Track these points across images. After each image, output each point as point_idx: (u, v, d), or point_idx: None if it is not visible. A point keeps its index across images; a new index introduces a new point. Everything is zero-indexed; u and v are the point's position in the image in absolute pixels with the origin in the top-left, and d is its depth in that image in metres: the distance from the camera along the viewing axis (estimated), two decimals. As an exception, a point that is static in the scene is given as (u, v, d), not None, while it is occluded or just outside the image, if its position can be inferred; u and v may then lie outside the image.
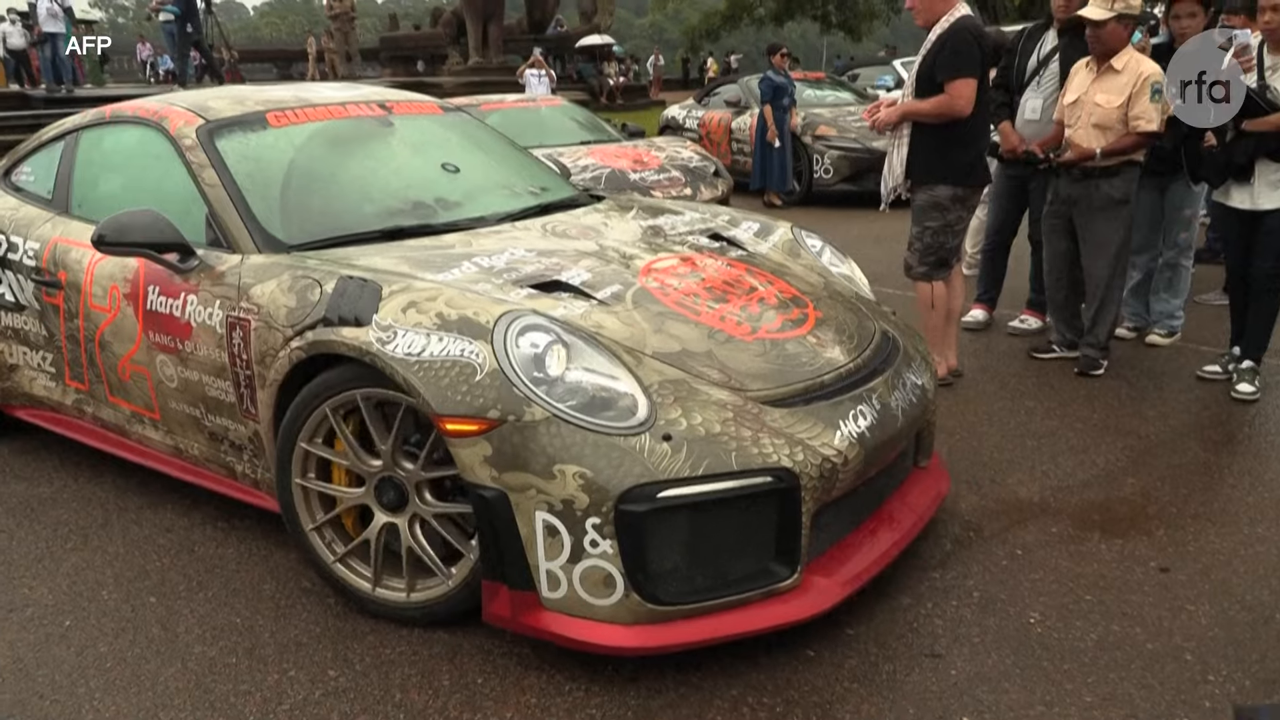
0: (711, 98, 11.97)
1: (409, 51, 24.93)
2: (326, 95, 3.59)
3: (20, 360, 3.61)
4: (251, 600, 2.61)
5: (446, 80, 18.38)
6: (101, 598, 2.65)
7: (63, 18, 14.59)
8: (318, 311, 2.48)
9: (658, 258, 2.91)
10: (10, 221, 3.59)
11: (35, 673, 2.32)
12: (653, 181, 7.08)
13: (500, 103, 8.67)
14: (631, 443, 2.16)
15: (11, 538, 3.02)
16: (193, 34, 15.22)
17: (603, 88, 22.68)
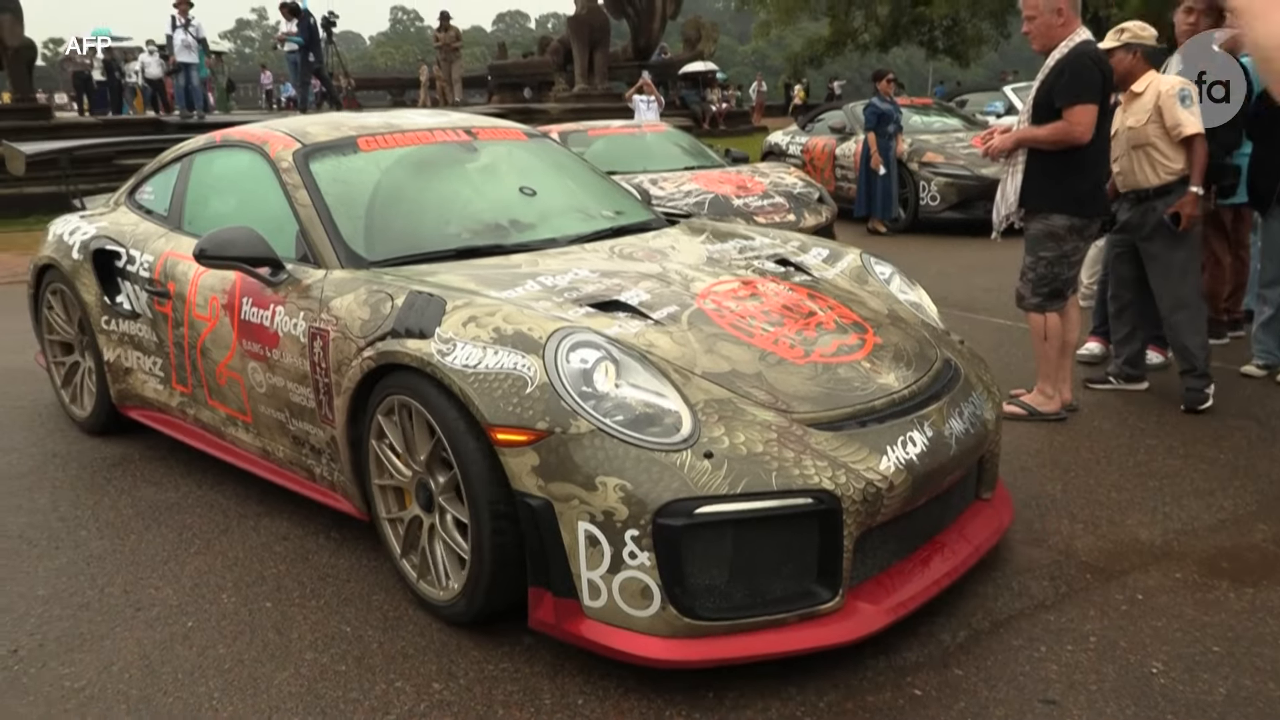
0: (815, 124, 11.90)
1: (516, 79, 25.50)
2: (416, 122, 3.77)
3: (134, 364, 3.90)
4: (361, 610, 2.68)
5: (552, 106, 18.74)
6: (222, 601, 2.76)
7: (196, 49, 15.45)
8: (388, 324, 2.62)
9: (719, 281, 2.97)
10: (131, 236, 3.89)
11: (160, 670, 2.43)
12: (756, 207, 7.06)
13: (606, 128, 8.80)
14: (673, 458, 2.21)
15: (141, 539, 3.17)
16: (314, 63, 15.91)
17: (705, 114, 22.79)
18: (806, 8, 33.15)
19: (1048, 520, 3.16)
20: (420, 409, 2.51)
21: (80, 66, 22.44)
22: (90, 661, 2.47)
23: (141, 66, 21.29)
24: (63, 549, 3.11)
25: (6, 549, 3.12)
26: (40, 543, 3.16)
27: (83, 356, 4.25)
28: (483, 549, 2.38)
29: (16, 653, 2.52)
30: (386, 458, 2.71)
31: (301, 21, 15.35)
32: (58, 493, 3.58)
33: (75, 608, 2.74)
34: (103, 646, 2.54)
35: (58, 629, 2.63)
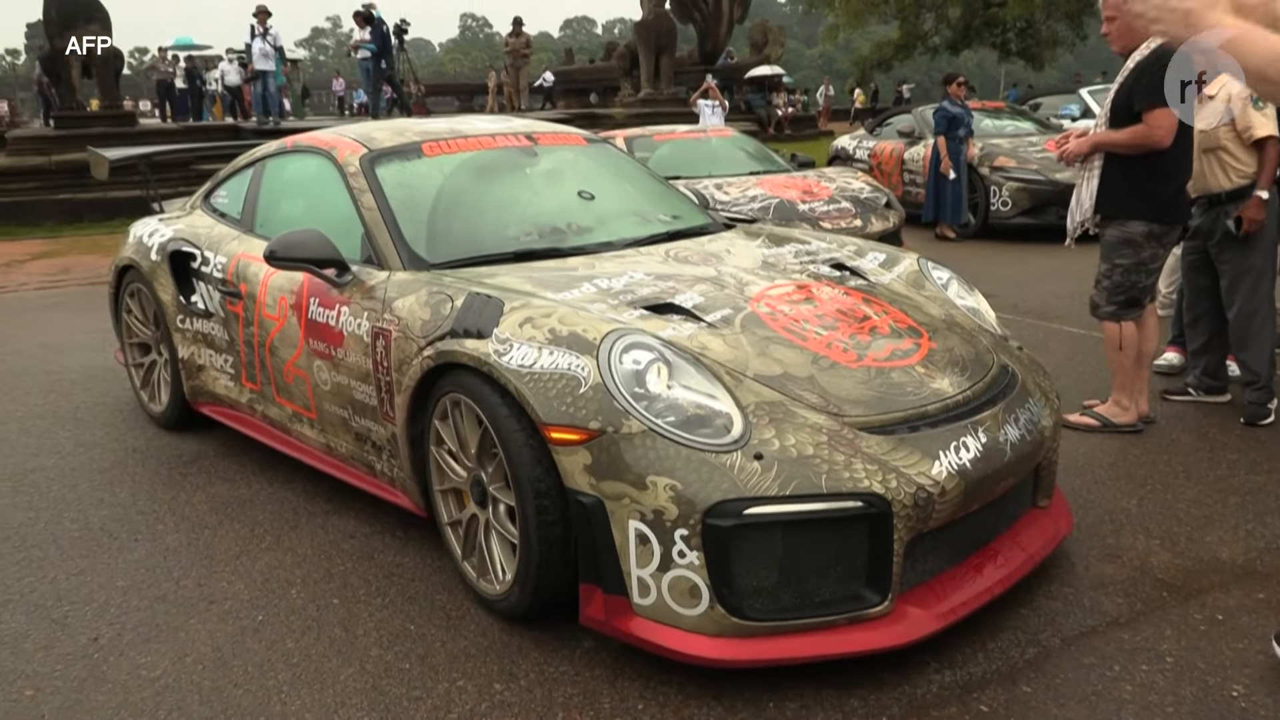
0: (883, 128, 11.76)
1: (583, 84, 25.70)
2: (478, 127, 3.86)
3: (207, 362, 4.04)
4: (425, 609, 2.72)
5: (618, 111, 18.82)
6: (290, 596, 2.82)
7: (274, 57, 15.85)
8: (447, 324, 2.68)
9: (774, 284, 2.99)
10: (206, 238, 4.03)
11: (231, 662, 2.49)
12: (822, 212, 7.00)
13: (671, 133, 8.79)
14: (723, 459, 2.22)
15: (214, 534, 3.26)
16: (386, 70, 16.21)
17: (771, 118, 22.68)
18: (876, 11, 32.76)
19: (1122, 536, 3.06)
20: (470, 404, 2.57)
21: (163, 75, 23.20)
22: (165, 652, 2.54)
23: (221, 74, 21.98)
24: (141, 542, 3.21)
25: (89, 541, 3.23)
26: (120, 535, 3.26)
27: (159, 353, 4.40)
28: (530, 535, 2.42)
29: (97, 641, 2.60)
30: (445, 462, 2.78)
31: (375, 29, 15.65)
32: (137, 487, 3.70)
33: (152, 599, 2.82)
34: (177, 638, 2.61)
35: (135, 619, 2.71)
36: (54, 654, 2.54)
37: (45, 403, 4.85)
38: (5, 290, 8.32)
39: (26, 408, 4.78)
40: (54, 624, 2.69)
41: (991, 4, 30.13)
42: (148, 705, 2.32)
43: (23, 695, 2.37)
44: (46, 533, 3.30)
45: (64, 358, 5.69)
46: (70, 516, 3.43)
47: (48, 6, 13.73)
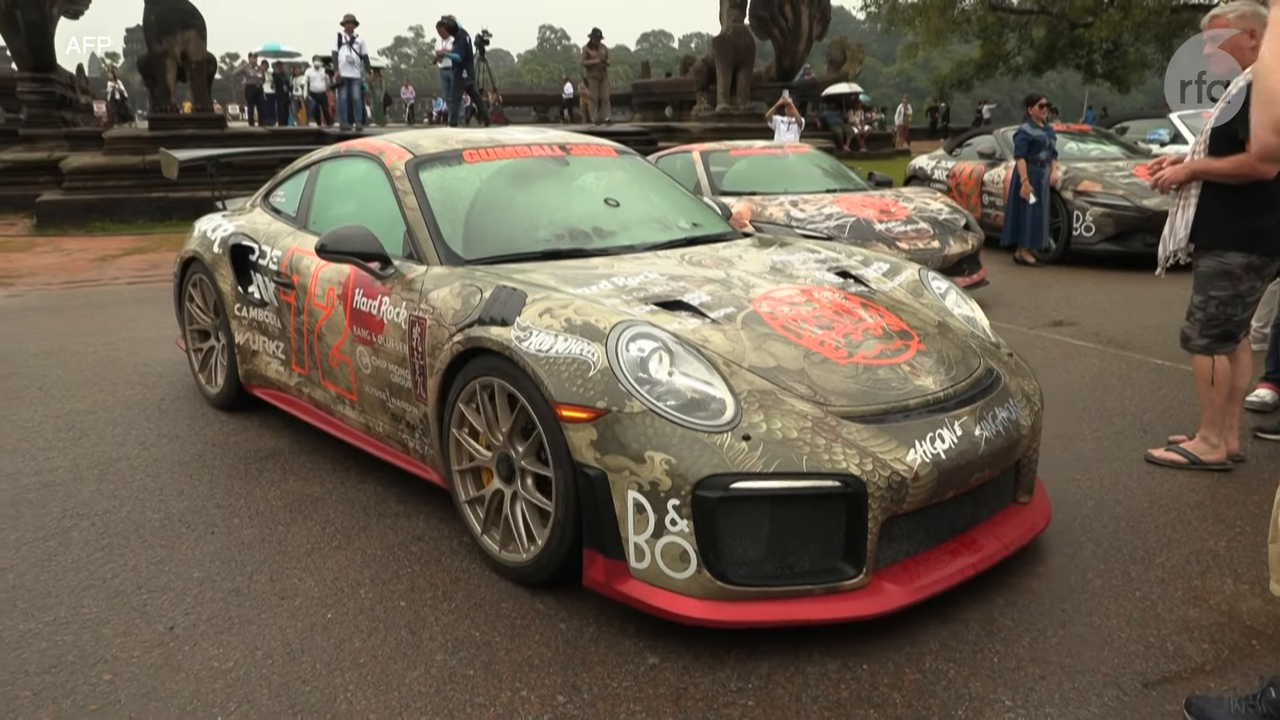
0: (963, 148, 11.56)
1: (659, 97, 25.79)
2: (516, 138, 4.15)
3: (260, 348, 4.35)
4: (490, 616, 2.73)
5: (693, 125, 18.84)
6: (359, 595, 2.85)
7: (359, 65, 16.23)
8: (475, 313, 2.95)
9: (778, 287, 3.20)
10: (264, 234, 4.33)
11: (300, 658, 2.53)
12: (899, 232, 6.90)
13: (748, 149, 8.77)
14: (714, 439, 2.45)
15: (287, 530, 3.32)
16: (467, 79, 16.46)
17: (847, 135, 22.49)
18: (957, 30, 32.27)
19: (1209, 578, 2.94)
20: (503, 385, 2.82)
21: (252, 80, 23.90)
22: (238, 644, 2.59)
23: (307, 80, 22.59)
24: (217, 534, 3.29)
25: (168, 531, 3.31)
26: (198, 526, 3.35)
27: (217, 339, 4.72)
28: (567, 496, 2.63)
29: (173, 630, 2.67)
30: (466, 442, 3.02)
31: (458, 40, 15.92)
32: (215, 480, 3.79)
33: (226, 592, 2.88)
34: (249, 631, 2.66)
35: (209, 610, 2.77)
36: (132, 640, 2.61)
37: (132, 394, 5.01)
38: (99, 284, 8.64)
39: (114, 398, 4.94)
40: (133, 611, 2.77)
41: (1078, 25, 29.48)
42: (219, 697, 2.36)
43: (101, 679, 2.43)
44: (129, 521, 3.40)
45: (151, 351, 5.87)
46: (151, 506, 3.53)
47: (147, 12, 14.27)
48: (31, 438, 4.32)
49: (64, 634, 2.65)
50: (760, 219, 7.02)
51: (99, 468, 3.93)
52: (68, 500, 3.59)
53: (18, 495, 3.64)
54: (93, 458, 4.05)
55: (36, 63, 15.17)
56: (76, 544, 3.22)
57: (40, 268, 9.61)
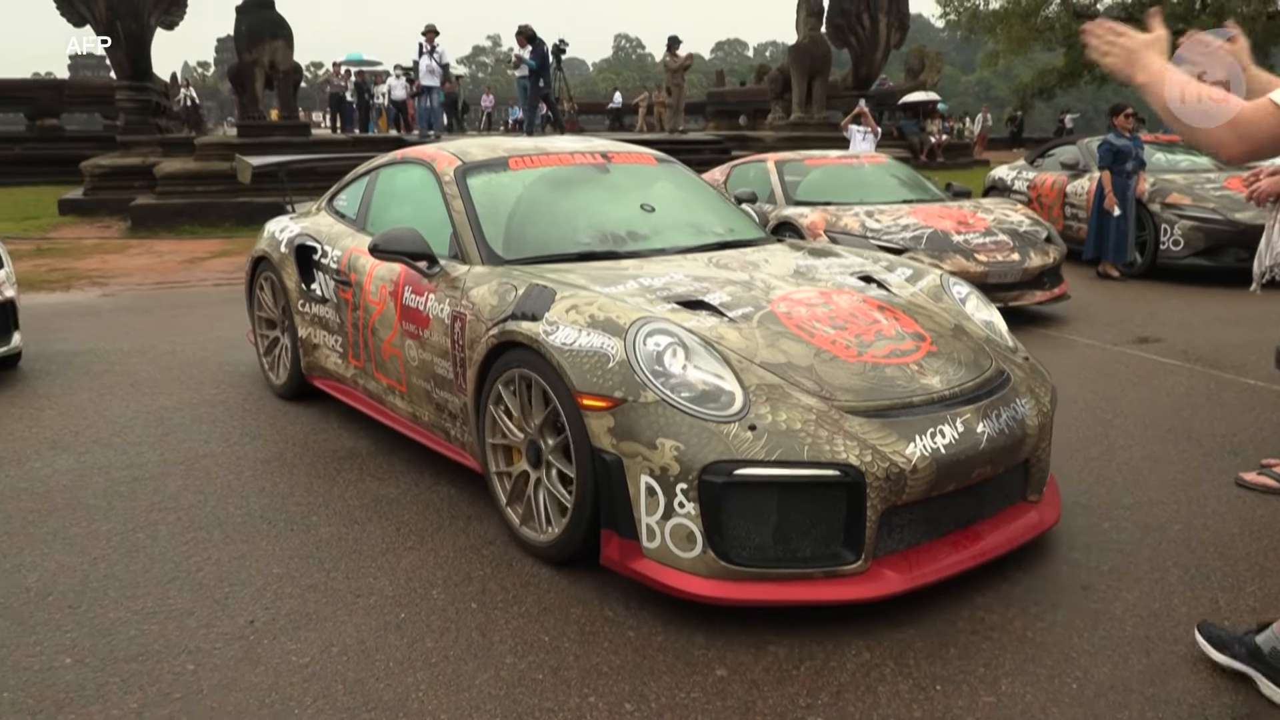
0: (1045, 159, 11.30)
1: (733, 106, 25.72)
2: (560, 146, 4.40)
3: (321, 341, 4.60)
4: (560, 621, 2.74)
5: (767, 134, 18.76)
6: (432, 596, 2.90)
7: (439, 73, 16.53)
8: (509, 309, 3.16)
9: (798, 289, 3.34)
10: (327, 235, 4.58)
11: (374, 656, 2.58)
12: (977, 244, 6.76)
13: (823, 158, 8.70)
14: (721, 428, 2.62)
15: (364, 529, 3.39)
16: (543, 88, 16.67)
17: (924, 145, 22.13)
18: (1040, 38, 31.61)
19: (1305, 610, 2.81)
20: (538, 379, 2.99)
21: (336, 88, 24.54)
22: (314, 640, 2.65)
23: (388, 89, 23.09)
24: (296, 531, 3.37)
25: (249, 527, 3.41)
26: (278, 523, 3.44)
27: (282, 334, 4.99)
28: (586, 479, 2.81)
29: (253, 623, 2.74)
30: (501, 421, 3.21)
31: (535, 49, 16.13)
32: (294, 478, 3.89)
33: (304, 588, 2.95)
34: (325, 627, 2.72)
35: (288, 606, 2.84)
36: (214, 632, 2.69)
37: (217, 392, 5.18)
38: (188, 285, 8.95)
39: (200, 396, 5.11)
40: (215, 604, 2.85)
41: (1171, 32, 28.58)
42: (296, 691, 2.42)
43: (185, 669, 2.51)
44: (213, 515, 3.51)
45: (235, 352, 6.06)
46: (234, 502, 3.64)
47: (238, 23, 14.76)
48: (123, 432, 4.49)
49: (151, 623, 2.74)
50: (834, 229, 6.95)
51: (185, 463, 4.07)
52: (156, 494, 3.72)
53: (109, 488, 3.78)
54: (180, 453, 4.20)
55: (134, 71, 15.80)
56: (164, 536, 3.33)
57: (133, 269, 9.99)
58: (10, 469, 4.01)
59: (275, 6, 14.94)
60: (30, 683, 2.45)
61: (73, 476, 3.91)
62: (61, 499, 3.68)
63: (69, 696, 2.39)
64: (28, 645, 2.62)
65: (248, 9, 14.75)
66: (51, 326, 6.92)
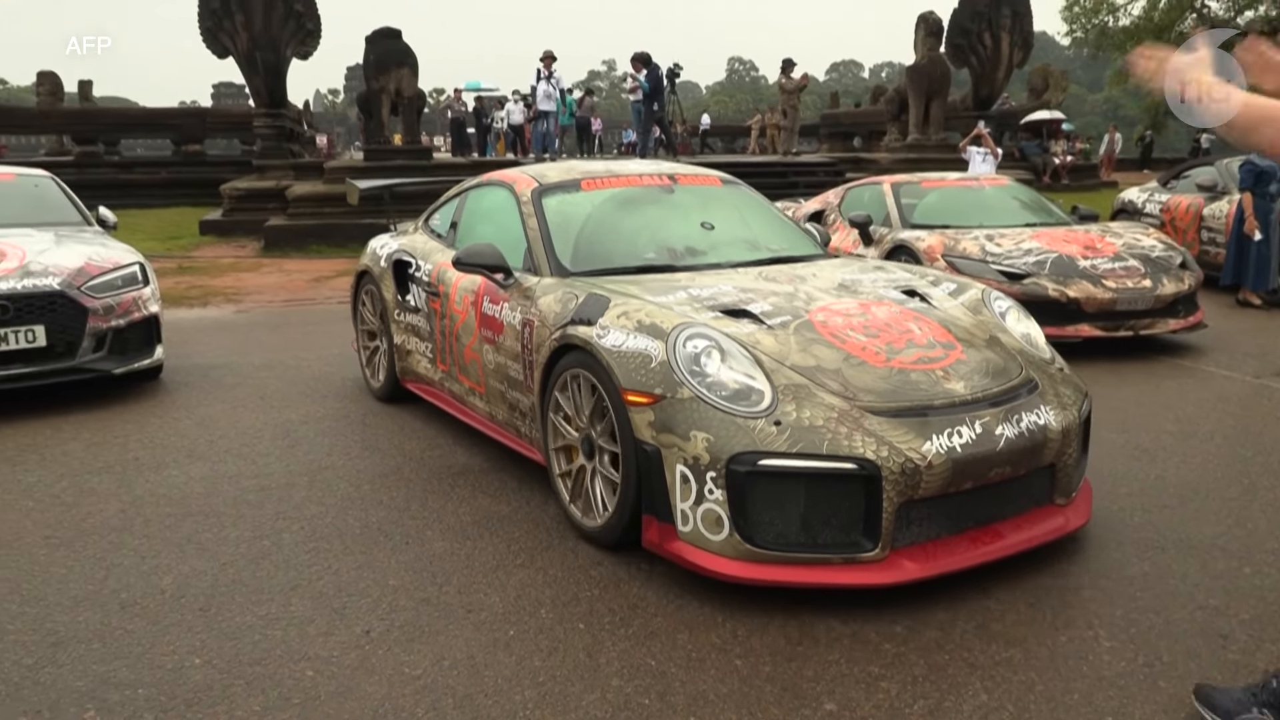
0: (1179, 180, 10.77)
1: (847, 128, 25.45)
2: (630, 169, 4.80)
3: (413, 348, 5.00)
4: (666, 645, 2.73)
5: (882, 156, 18.47)
6: (540, 615, 2.93)
7: (556, 98, 16.88)
8: (569, 315, 3.49)
9: (838, 301, 3.58)
10: (421, 251, 5.01)
11: (484, 671, 2.61)
12: (1105, 270, 6.48)
13: (941, 180, 8.50)
14: (749, 423, 2.89)
15: (475, 545, 3.45)
16: (657, 112, 16.83)
17: (1047, 166, 21.41)
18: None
19: None
20: (591, 377, 3.29)
21: (457, 113, 25.32)
22: (426, 653, 2.71)
23: (507, 114, 23.69)
24: (410, 545, 3.46)
25: (367, 539, 3.52)
26: (394, 536, 3.53)
27: (381, 341, 5.41)
28: (629, 469, 3.11)
29: (369, 634, 2.82)
30: (560, 425, 3.54)
31: (650, 73, 16.31)
32: (410, 493, 4.00)
33: (417, 601, 3.02)
34: (437, 641, 2.77)
35: (402, 618, 2.91)
36: (332, 641, 2.78)
37: (339, 406, 5.38)
38: (314, 303, 9.33)
39: (324, 409, 5.31)
40: (334, 613, 2.95)
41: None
42: (408, 702, 2.47)
43: (304, 675, 2.60)
44: (333, 526, 3.63)
45: (357, 367, 6.26)
46: (354, 514, 3.76)
47: (367, 53, 15.41)
48: (252, 443, 4.70)
49: (274, 629, 2.85)
50: (952, 253, 6.77)
51: (309, 474, 4.23)
52: (281, 503, 3.88)
53: (239, 496, 3.96)
54: (304, 465, 4.36)
55: (271, 99, 16.65)
56: (287, 545, 3.46)
57: (265, 286, 10.50)
58: (151, 475, 4.25)
59: (402, 36, 15.55)
60: (163, 680, 2.57)
61: (206, 484, 4.12)
62: (196, 505, 3.87)
63: (197, 696, 2.50)
64: (162, 645, 2.76)
65: (376, 39, 15.39)
66: (190, 340, 7.31)
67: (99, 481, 4.16)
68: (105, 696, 2.50)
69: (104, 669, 2.63)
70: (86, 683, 2.57)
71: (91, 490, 4.06)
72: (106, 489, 4.07)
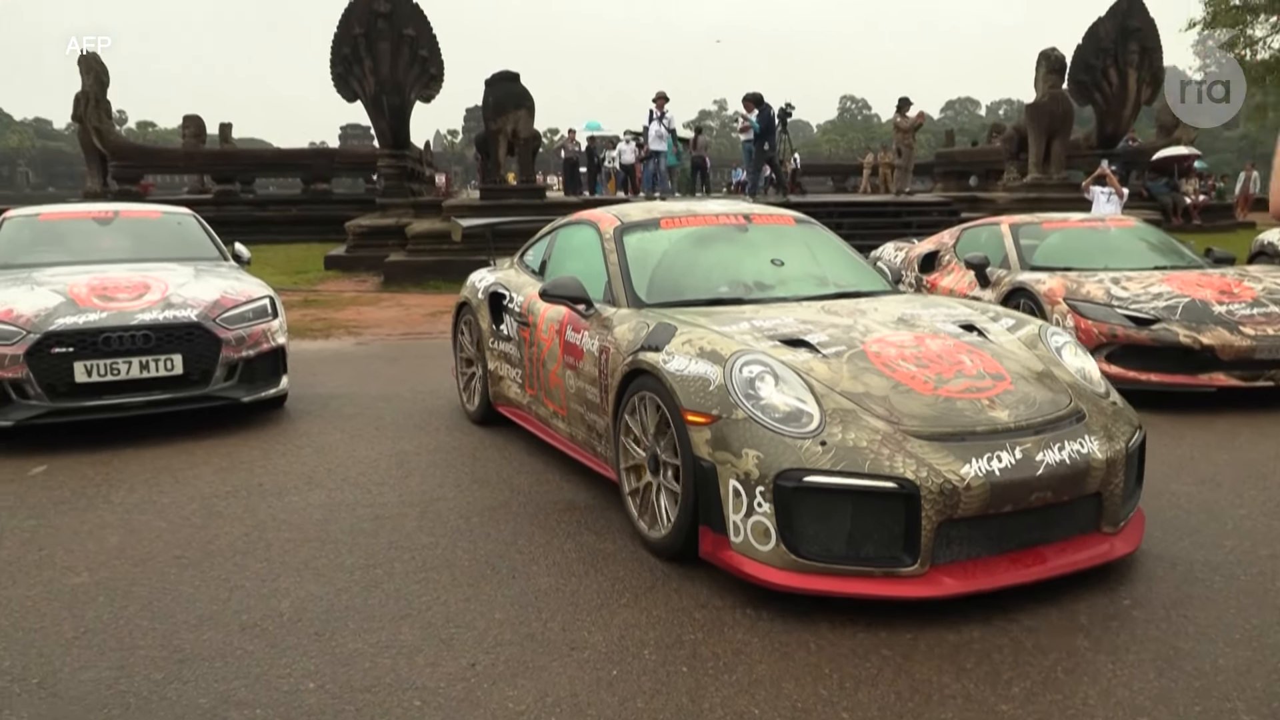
0: (1326, 222, 10.14)
1: (963, 167, 24.95)
2: (709, 208, 5.11)
3: (505, 374, 5.37)
4: (771, 694, 2.67)
5: (1000, 195, 18.01)
6: (644, 656, 2.91)
7: (667, 138, 17.09)
8: (640, 342, 3.78)
9: (894, 333, 3.77)
10: (514, 284, 5.40)
11: (586, 710, 2.61)
12: (1242, 316, 6.14)
13: (1063, 221, 8.22)
14: (797, 443, 3.11)
15: (580, 582, 3.47)
16: (768, 151, 16.85)
17: (1177, 206, 20.48)
18: (1318, 88, 28.63)
19: None
20: (654, 396, 3.58)
21: (571, 154, 25.86)
22: (530, 689, 2.72)
23: (618, 153, 24.07)
24: (517, 579, 3.49)
25: (475, 571, 3.57)
26: (501, 570, 3.58)
27: (477, 367, 5.79)
28: (687, 483, 3.37)
29: (474, 666, 2.85)
30: (629, 446, 3.81)
31: (762, 113, 16.36)
32: (518, 527, 4.05)
33: (522, 636, 3.05)
34: (541, 677, 2.79)
35: (507, 653, 2.94)
36: (439, 671, 2.82)
37: (451, 439, 5.51)
38: (430, 336, 9.62)
39: (437, 441, 5.45)
40: (441, 643, 3.00)
41: None
42: (512, 737, 2.48)
43: (412, 704, 2.65)
44: (443, 558, 3.70)
45: (469, 400, 6.42)
46: (463, 546, 3.83)
47: (486, 95, 15.93)
48: (368, 472, 4.85)
49: (384, 657, 2.91)
50: (1075, 297, 6.53)
51: (421, 505, 4.33)
52: (394, 533, 3.98)
53: (355, 525, 4.09)
54: (416, 495, 4.48)
55: (395, 140, 17.36)
56: (399, 574, 3.55)
57: (384, 320, 10.88)
58: (273, 500, 4.42)
59: (520, 79, 16.03)
60: (279, 702, 2.66)
61: (324, 511, 4.26)
62: (313, 531, 4.01)
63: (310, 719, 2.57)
64: (279, 667, 2.85)
65: (495, 82, 15.91)
66: (313, 371, 7.62)
67: (226, 505, 4.36)
68: (226, 715, 2.60)
69: (225, 688, 2.74)
70: (209, 700, 2.67)
71: (219, 513, 4.25)
72: (233, 512, 4.26)
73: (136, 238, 7.01)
